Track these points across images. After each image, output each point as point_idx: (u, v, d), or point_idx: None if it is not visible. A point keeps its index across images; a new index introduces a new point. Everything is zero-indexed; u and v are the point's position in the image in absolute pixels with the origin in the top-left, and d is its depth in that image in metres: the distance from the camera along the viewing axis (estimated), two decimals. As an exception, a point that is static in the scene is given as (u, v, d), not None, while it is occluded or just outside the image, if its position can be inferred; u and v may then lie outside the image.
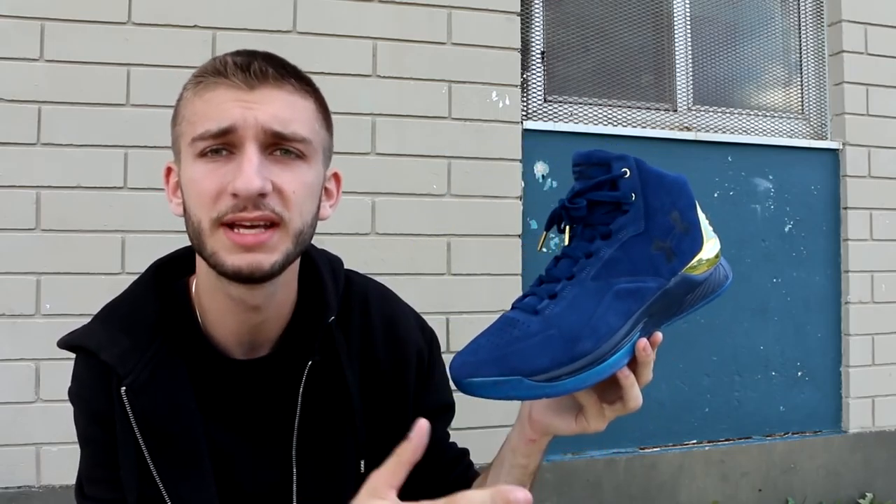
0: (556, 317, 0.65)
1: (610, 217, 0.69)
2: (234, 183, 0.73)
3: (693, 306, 0.74)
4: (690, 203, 0.73)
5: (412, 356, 0.93)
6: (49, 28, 1.92)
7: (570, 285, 0.67)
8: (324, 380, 0.86)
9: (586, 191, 0.70)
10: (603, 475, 2.34)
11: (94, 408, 0.82)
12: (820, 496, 2.60)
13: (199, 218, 0.76)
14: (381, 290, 0.98)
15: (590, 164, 0.71)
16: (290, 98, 0.78)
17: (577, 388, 0.65)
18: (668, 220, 0.70)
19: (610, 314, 0.66)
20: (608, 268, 0.67)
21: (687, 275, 0.71)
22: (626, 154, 0.70)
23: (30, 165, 1.90)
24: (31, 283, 1.89)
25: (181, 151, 0.79)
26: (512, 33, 2.30)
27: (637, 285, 0.67)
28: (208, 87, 0.77)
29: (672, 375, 2.48)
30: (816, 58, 2.79)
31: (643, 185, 0.69)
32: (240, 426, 0.86)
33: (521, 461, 0.78)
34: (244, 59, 0.77)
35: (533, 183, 2.34)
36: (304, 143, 0.78)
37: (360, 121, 2.13)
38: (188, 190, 0.78)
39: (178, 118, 0.81)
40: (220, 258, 0.75)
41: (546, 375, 0.63)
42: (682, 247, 0.71)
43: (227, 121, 0.74)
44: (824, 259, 2.68)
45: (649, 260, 0.68)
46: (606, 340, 0.65)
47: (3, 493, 1.85)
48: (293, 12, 2.09)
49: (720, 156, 2.58)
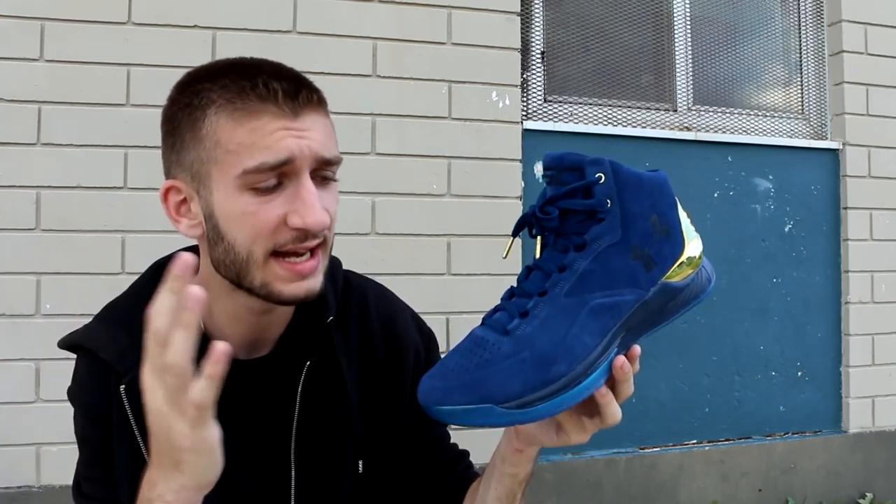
0: (527, 338, 0.62)
1: (584, 226, 0.65)
2: (305, 219, 0.73)
3: (675, 314, 0.70)
4: (671, 203, 0.68)
5: (409, 355, 0.93)
6: (49, 28, 1.92)
7: (542, 302, 0.63)
8: (322, 379, 0.86)
9: (558, 198, 0.65)
10: (603, 475, 2.35)
11: (93, 408, 0.83)
12: (820, 496, 2.60)
13: (250, 250, 0.75)
14: (380, 290, 0.98)
15: (562, 169, 0.67)
16: (324, 121, 0.78)
17: (552, 412, 0.62)
18: (647, 226, 0.65)
19: (585, 333, 0.62)
20: (583, 282, 0.63)
21: (667, 283, 0.66)
22: (601, 157, 0.65)
23: (30, 165, 1.90)
24: (31, 283, 1.89)
25: (212, 177, 0.75)
26: (512, 33, 2.30)
27: (614, 300, 0.63)
28: (251, 114, 0.73)
29: (672, 375, 2.48)
30: (816, 58, 2.79)
31: (620, 190, 0.65)
32: (238, 426, 0.86)
33: (511, 470, 0.78)
34: (290, 85, 0.75)
35: (533, 183, 2.34)
36: (339, 165, 0.80)
37: (360, 121, 2.13)
38: (234, 223, 0.75)
39: (204, 141, 0.75)
40: (275, 288, 0.76)
41: (518, 402, 0.60)
42: (663, 253, 0.66)
43: (284, 152, 0.72)
44: (824, 259, 2.68)
45: (627, 270, 0.64)
46: (581, 361, 0.61)
47: (3, 493, 1.85)
48: (293, 12, 2.09)
49: (720, 156, 2.58)
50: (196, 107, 0.76)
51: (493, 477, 0.80)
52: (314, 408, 0.86)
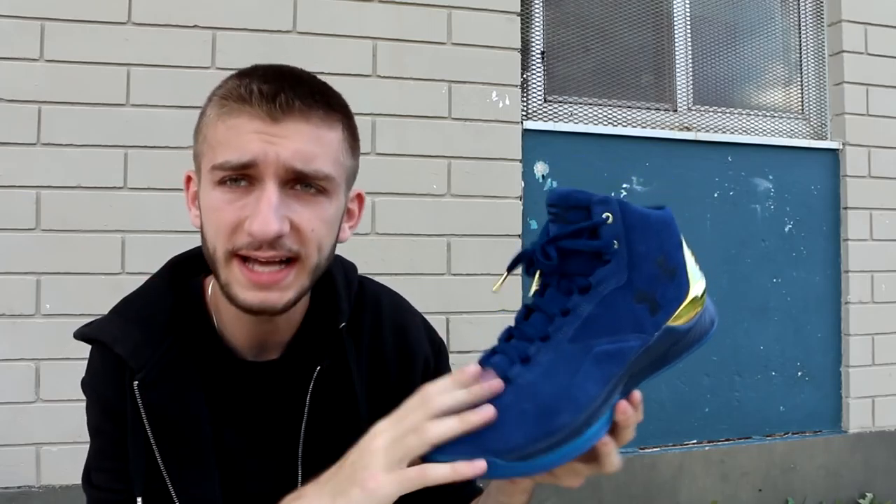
0: (529, 386, 0.59)
1: (589, 267, 0.62)
2: (252, 225, 0.71)
3: (677, 358, 0.67)
4: (677, 242, 0.66)
5: (419, 365, 0.93)
6: (49, 28, 1.92)
7: (544, 348, 0.61)
8: (332, 385, 0.86)
9: (562, 237, 0.62)
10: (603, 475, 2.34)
11: (107, 400, 0.83)
12: (820, 496, 2.60)
13: (214, 246, 0.76)
14: (394, 298, 0.98)
15: (567, 207, 0.63)
16: (317, 132, 0.76)
17: (555, 464, 0.59)
18: (653, 267, 0.63)
19: (589, 382, 0.60)
20: (587, 327, 0.61)
21: (671, 327, 0.64)
22: (609, 196, 0.62)
23: (30, 165, 1.90)
24: (31, 283, 1.89)
25: (201, 170, 0.78)
26: (512, 33, 2.30)
27: (618, 346, 0.61)
28: (232, 113, 0.74)
29: (672, 375, 2.48)
30: (816, 58, 2.79)
31: (627, 231, 0.62)
32: (247, 427, 0.86)
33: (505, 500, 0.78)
34: (271, 87, 0.73)
35: (533, 183, 2.34)
36: (328, 180, 0.76)
37: (360, 121, 2.09)
38: (206, 215, 0.77)
39: (200, 134, 0.79)
40: (233, 291, 0.75)
41: (519, 454, 0.58)
42: (668, 296, 0.64)
43: (247, 155, 0.72)
44: (824, 259, 2.68)
45: (631, 315, 0.62)
46: (584, 410, 0.59)
47: (3, 493, 1.85)
48: (293, 12, 2.09)
49: (720, 156, 2.58)
50: (206, 103, 0.79)
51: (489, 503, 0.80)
52: (323, 413, 0.86)
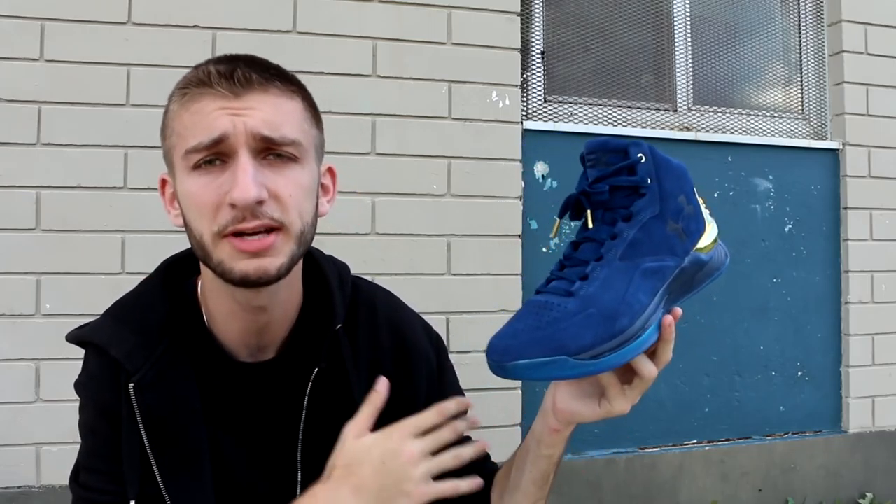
0: (591, 296, 0.67)
1: (629, 200, 0.72)
2: (231, 193, 0.73)
3: (701, 284, 0.77)
4: (692, 188, 0.77)
5: (422, 365, 0.93)
6: (49, 28, 1.92)
7: (599, 266, 0.69)
8: (330, 387, 0.86)
9: (607, 176, 0.72)
10: (603, 475, 2.34)
11: (103, 401, 0.83)
12: (820, 496, 2.60)
13: (200, 231, 0.77)
14: (388, 297, 0.98)
15: (606, 152, 0.73)
16: (277, 101, 0.78)
17: (619, 363, 0.67)
18: (678, 203, 0.73)
19: (640, 292, 0.68)
20: (633, 248, 0.70)
21: (696, 254, 0.74)
22: (640, 140, 0.74)
23: (30, 165, 1.90)
24: (31, 283, 1.89)
25: (174, 164, 0.79)
26: (512, 33, 2.29)
27: (660, 264, 0.70)
28: (194, 99, 0.76)
29: (672, 375, 2.48)
30: (816, 58, 2.79)
31: (657, 170, 0.73)
32: (243, 430, 0.86)
33: (546, 451, 0.79)
34: (227, 67, 0.77)
35: (533, 183, 2.34)
36: (296, 146, 0.78)
37: (360, 121, 2.13)
38: (187, 204, 0.78)
39: (167, 131, 0.81)
40: (228, 266, 0.76)
41: (589, 353, 0.65)
42: (691, 227, 0.74)
43: (217, 131, 0.74)
44: (824, 259, 2.68)
45: (666, 240, 0.71)
46: (640, 316, 0.68)
47: (3, 493, 1.85)
48: (293, 12, 2.09)
49: (720, 156, 2.58)
50: (167, 103, 0.81)
51: (528, 460, 0.81)
52: (321, 414, 0.86)
